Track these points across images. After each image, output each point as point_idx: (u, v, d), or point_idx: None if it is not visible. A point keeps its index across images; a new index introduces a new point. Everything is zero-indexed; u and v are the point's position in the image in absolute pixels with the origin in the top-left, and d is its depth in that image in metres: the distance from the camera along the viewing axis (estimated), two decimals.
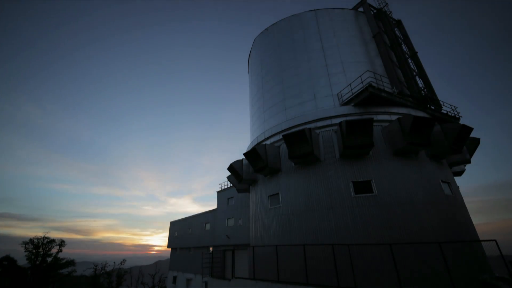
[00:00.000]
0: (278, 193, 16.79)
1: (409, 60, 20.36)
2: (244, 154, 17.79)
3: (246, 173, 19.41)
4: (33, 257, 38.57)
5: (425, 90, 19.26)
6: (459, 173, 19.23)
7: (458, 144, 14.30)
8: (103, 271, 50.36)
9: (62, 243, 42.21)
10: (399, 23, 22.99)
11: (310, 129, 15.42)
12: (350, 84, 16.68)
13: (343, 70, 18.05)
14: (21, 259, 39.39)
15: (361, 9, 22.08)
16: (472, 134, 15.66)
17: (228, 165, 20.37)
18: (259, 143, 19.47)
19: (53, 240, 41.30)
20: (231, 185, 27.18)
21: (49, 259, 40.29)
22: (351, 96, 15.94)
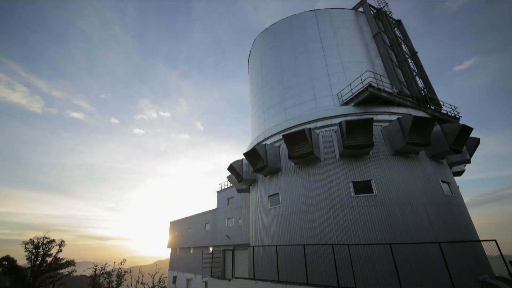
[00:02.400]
0: (278, 193, 16.79)
1: (409, 60, 20.37)
2: (244, 154, 17.78)
3: (246, 173, 19.41)
4: (33, 257, 38.55)
5: (425, 90, 19.26)
6: (459, 173, 19.23)
7: (458, 144, 14.30)
8: (103, 271, 50.38)
9: (62, 243, 42.22)
10: (399, 23, 22.98)
11: (310, 129, 15.42)
12: (350, 84, 16.68)
13: (343, 70, 18.04)
14: (21, 259, 39.40)
15: (361, 9, 22.07)
16: (472, 134, 15.65)
17: (228, 165, 20.39)
18: (259, 143, 19.48)
19: (53, 240, 41.30)
20: (231, 185, 27.18)
21: (49, 259, 40.28)
22: (351, 96, 15.94)
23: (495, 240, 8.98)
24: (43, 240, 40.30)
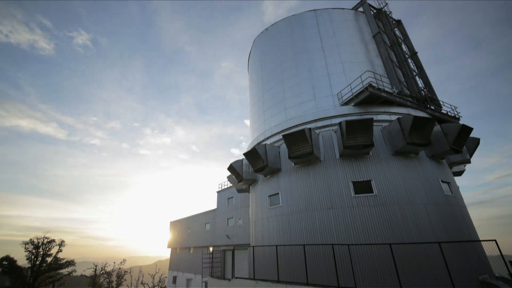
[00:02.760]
0: (278, 193, 16.79)
1: (409, 60, 20.36)
2: (244, 154, 17.78)
3: (246, 173, 19.40)
4: (33, 257, 38.54)
5: (425, 90, 19.26)
6: (459, 173, 19.23)
7: (458, 144, 14.30)
8: (103, 271, 50.37)
9: (62, 243, 42.20)
10: (399, 23, 22.99)
11: (310, 129, 15.42)
12: (350, 84, 16.68)
13: (343, 70, 18.04)
14: (21, 259, 39.38)
15: (361, 9, 22.07)
16: (472, 134, 15.65)
17: (228, 165, 20.38)
18: (259, 143, 19.48)
19: (53, 240, 41.28)
20: (231, 185, 27.18)
21: (49, 259, 40.26)
22: (351, 96, 15.94)
23: (495, 240, 8.99)
24: (43, 240, 40.27)
